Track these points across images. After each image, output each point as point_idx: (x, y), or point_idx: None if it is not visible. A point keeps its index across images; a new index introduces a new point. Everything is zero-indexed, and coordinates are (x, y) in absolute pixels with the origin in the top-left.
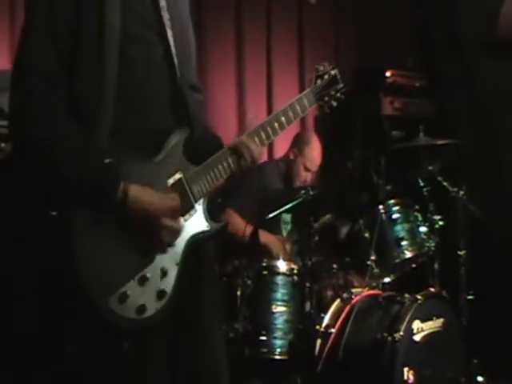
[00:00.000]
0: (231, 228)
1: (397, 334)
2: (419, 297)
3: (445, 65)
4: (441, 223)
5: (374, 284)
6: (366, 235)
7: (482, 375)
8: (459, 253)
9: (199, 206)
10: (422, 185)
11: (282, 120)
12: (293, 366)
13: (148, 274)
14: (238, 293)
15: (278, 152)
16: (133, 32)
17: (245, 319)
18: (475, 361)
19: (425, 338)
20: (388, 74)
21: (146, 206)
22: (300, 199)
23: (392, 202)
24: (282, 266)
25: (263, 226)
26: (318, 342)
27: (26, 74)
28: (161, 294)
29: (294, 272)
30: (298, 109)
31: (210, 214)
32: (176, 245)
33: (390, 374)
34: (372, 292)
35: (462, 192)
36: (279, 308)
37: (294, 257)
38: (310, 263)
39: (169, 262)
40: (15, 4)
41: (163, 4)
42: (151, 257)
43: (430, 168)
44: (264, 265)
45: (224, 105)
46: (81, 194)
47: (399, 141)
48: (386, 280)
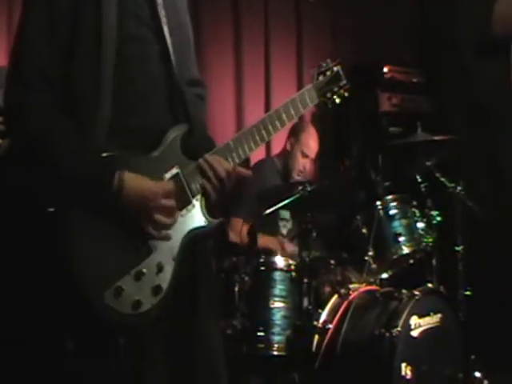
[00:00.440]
0: (234, 237)
1: (394, 329)
2: (417, 292)
3: (443, 61)
4: (438, 219)
5: (372, 280)
6: (364, 231)
7: (479, 371)
8: (457, 248)
9: (197, 202)
10: (419, 181)
11: (283, 116)
12: (291, 362)
13: (144, 269)
14: (236, 289)
15: (275, 150)
16: (129, 30)
17: (242, 315)
18: (473, 356)
19: (422, 333)
20: (386, 69)
21: (141, 191)
22: (297, 195)
23: (390, 197)
24: (279, 261)
25: (261, 225)
26: (316, 337)
27: (22, 71)
28: (156, 290)
29: (292, 268)
30: (299, 105)
31: (208, 209)
32: (173, 240)
33: (387, 370)
34: (370, 288)
35: (459, 188)
36: (277, 304)
37: (295, 255)
38: (307, 259)
39: (165, 257)
40: (13, 0)
41: (159, 1)
42: (147, 251)
43: (428, 164)
44: (262, 261)
45: (222, 100)
46: (77, 185)
47: (397, 137)
48: (384, 276)
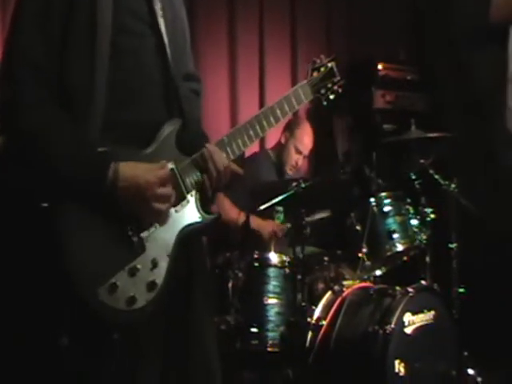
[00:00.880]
0: (223, 214)
1: (388, 326)
2: (410, 290)
3: (437, 57)
4: (432, 216)
5: (366, 277)
6: (358, 228)
7: (472, 368)
8: (451, 246)
9: (191, 197)
10: (413, 178)
11: (277, 112)
12: (284, 358)
13: (138, 265)
14: (230, 285)
15: (270, 143)
16: (124, 24)
17: (236, 311)
18: (466, 353)
19: (416, 330)
20: (380, 67)
21: (136, 181)
22: (292, 191)
23: (384, 194)
24: (273, 258)
25: (257, 213)
26: (310, 334)
27: (15, 65)
28: (151, 286)
29: (286, 264)
30: (293, 101)
31: (203, 205)
32: (167, 236)
33: (381, 367)
34: (363, 285)
35: (453, 185)
36: (270, 300)
37: (286, 243)
38: (301, 255)
39: (160, 253)
40: None
41: None
42: (142, 247)
43: (422, 161)
44: (255, 257)
45: (216, 93)
46: (72, 179)
47: (391, 134)
48: (378, 273)
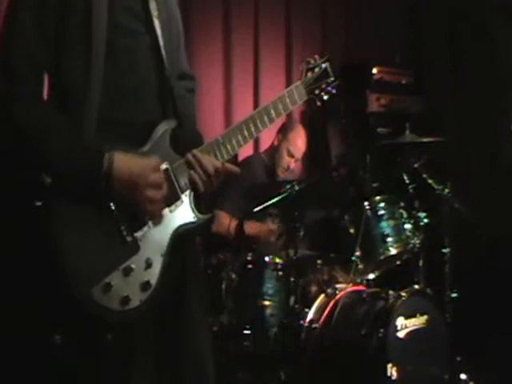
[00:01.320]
0: (216, 228)
1: (381, 330)
2: (403, 293)
3: (435, 59)
4: (426, 220)
5: (359, 280)
6: (351, 231)
7: (465, 373)
8: (444, 250)
9: (185, 198)
10: (407, 182)
11: (272, 112)
12: (277, 360)
13: (132, 265)
14: (223, 286)
15: (263, 146)
16: (120, 22)
17: (229, 313)
18: (459, 358)
19: (409, 334)
20: (375, 70)
21: (130, 169)
22: (285, 194)
23: (378, 198)
24: (267, 260)
25: (250, 217)
26: (302, 336)
27: (11, 60)
28: (145, 286)
29: (279, 266)
30: (287, 102)
31: (197, 205)
32: (161, 236)
33: (373, 370)
34: (356, 288)
35: (447, 190)
36: (264, 302)
37: (280, 246)
38: (295, 258)
39: (154, 253)
40: None
41: None
42: (136, 247)
43: (416, 165)
44: (249, 258)
45: (211, 92)
46: (67, 173)
47: (385, 137)
48: (371, 276)
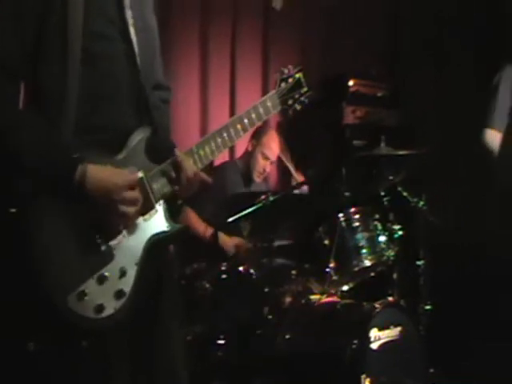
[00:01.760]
0: (189, 227)
1: (354, 341)
2: (377, 305)
3: (417, 69)
4: (400, 233)
5: (333, 291)
6: (326, 242)
7: None
8: (418, 262)
9: (159, 207)
10: (382, 194)
11: (245, 122)
12: (251, 370)
13: (106, 273)
14: (197, 296)
15: (239, 153)
16: (96, 28)
17: (203, 322)
18: (432, 370)
19: (382, 346)
20: (351, 82)
21: (104, 182)
22: (260, 204)
23: (352, 210)
24: (241, 269)
25: (223, 228)
26: (277, 346)
27: None
28: (119, 294)
29: (253, 277)
30: (261, 111)
31: (171, 214)
32: (135, 245)
33: (347, 382)
34: (330, 299)
35: (421, 202)
36: (238, 312)
37: (252, 259)
38: (269, 268)
39: (128, 261)
40: None
41: (127, 2)
42: (110, 256)
43: (391, 178)
44: (223, 268)
45: (187, 105)
46: (41, 178)
47: (361, 150)
48: (345, 288)
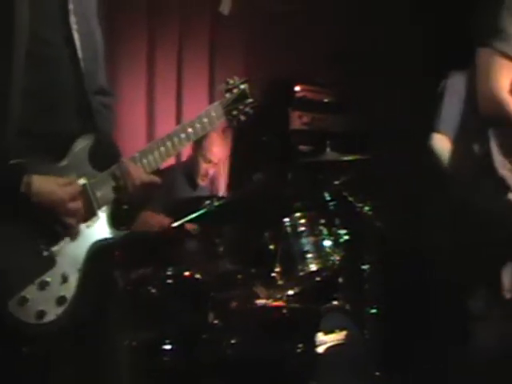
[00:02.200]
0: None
1: (300, 345)
2: (323, 310)
3: (365, 78)
4: (346, 237)
5: (279, 296)
6: (272, 247)
7: None
8: (363, 267)
9: (102, 213)
10: (328, 199)
11: (189, 132)
12: (198, 376)
13: (48, 279)
14: (143, 301)
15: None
16: (40, 33)
17: (148, 328)
18: (378, 373)
19: (328, 350)
20: (298, 88)
21: (48, 195)
22: (205, 209)
23: (298, 215)
24: (186, 275)
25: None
26: (222, 352)
27: None
28: (61, 300)
29: (199, 282)
30: (205, 121)
31: (116, 221)
32: (78, 251)
33: None
34: (276, 304)
35: (367, 207)
36: (184, 317)
37: (200, 260)
38: (215, 273)
39: (70, 267)
40: None
41: (71, 7)
42: (52, 262)
43: (336, 183)
44: (169, 274)
45: (133, 113)
46: None
47: (307, 155)
48: (291, 292)
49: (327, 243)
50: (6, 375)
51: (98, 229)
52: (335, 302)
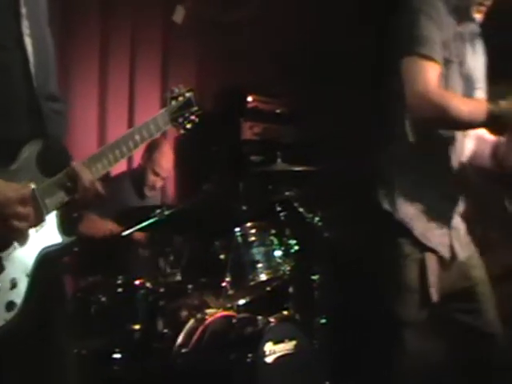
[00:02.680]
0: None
1: (249, 355)
2: (272, 319)
3: (315, 89)
4: (296, 248)
5: (229, 305)
6: (222, 257)
7: None
8: (313, 277)
9: (52, 219)
10: (278, 209)
11: (136, 138)
12: None
13: None
14: (92, 309)
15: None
16: None
17: (98, 336)
18: (327, 383)
19: (277, 360)
20: (250, 98)
21: None
22: (156, 218)
23: (249, 225)
24: (137, 283)
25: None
26: (172, 361)
27: None
28: (10, 306)
29: (149, 290)
30: (152, 128)
31: (65, 227)
32: (27, 257)
33: None
34: (226, 313)
35: (317, 218)
36: (133, 326)
37: (150, 269)
38: (165, 282)
39: (19, 273)
40: None
41: (23, 11)
42: (0, 267)
43: (287, 193)
44: (119, 282)
45: (85, 119)
46: None
47: (258, 165)
48: (241, 302)
49: (277, 253)
50: None
51: (47, 234)
52: (285, 312)
